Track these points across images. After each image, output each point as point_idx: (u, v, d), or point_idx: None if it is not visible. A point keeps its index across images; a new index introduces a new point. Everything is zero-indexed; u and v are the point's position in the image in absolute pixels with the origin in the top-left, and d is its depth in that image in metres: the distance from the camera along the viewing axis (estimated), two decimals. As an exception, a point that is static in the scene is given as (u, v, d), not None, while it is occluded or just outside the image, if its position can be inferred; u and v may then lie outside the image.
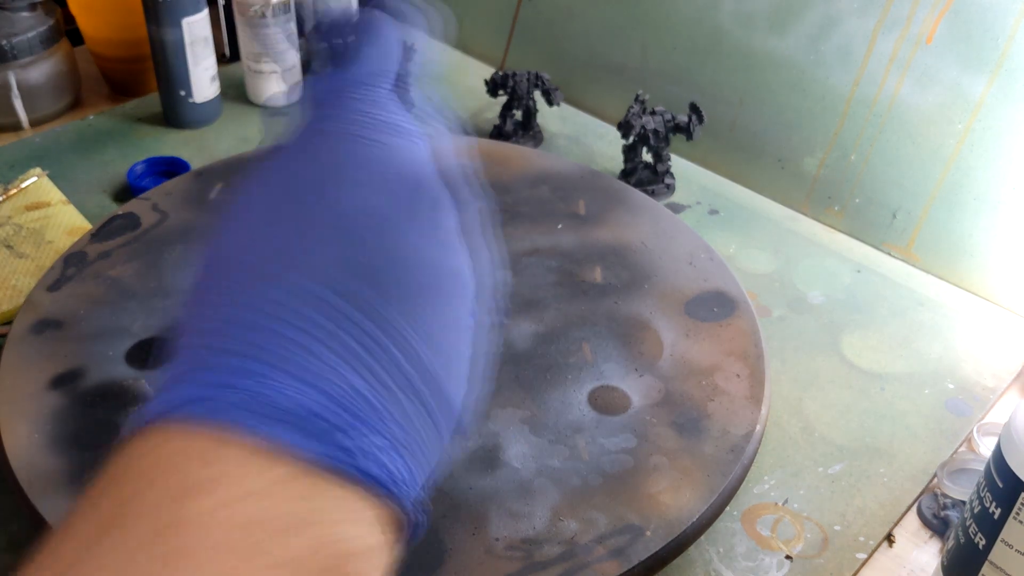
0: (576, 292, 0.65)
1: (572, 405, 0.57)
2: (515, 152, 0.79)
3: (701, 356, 0.60)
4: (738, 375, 0.59)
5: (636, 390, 0.58)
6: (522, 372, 0.59)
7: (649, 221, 0.71)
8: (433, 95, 0.34)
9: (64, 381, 0.56)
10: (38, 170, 0.78)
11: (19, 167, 0.81)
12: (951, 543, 0.49)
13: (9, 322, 0.63)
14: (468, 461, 0.53)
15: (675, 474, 0.52)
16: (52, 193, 0.77)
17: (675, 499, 0.51)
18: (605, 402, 0.57)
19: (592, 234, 0.70)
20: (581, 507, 0.51)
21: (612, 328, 0.62)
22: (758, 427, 0.55)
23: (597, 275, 0.66)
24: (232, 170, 0.74)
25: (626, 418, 0.56)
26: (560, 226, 0.70)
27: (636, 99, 0.79)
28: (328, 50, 0.34)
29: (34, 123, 0.89)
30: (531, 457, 0.53)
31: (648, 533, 0.49)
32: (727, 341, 0.61)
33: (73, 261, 0.65)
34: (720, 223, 0.78)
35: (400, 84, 0.33)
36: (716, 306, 0.64)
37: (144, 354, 0.59)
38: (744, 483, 0.56)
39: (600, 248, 0.69)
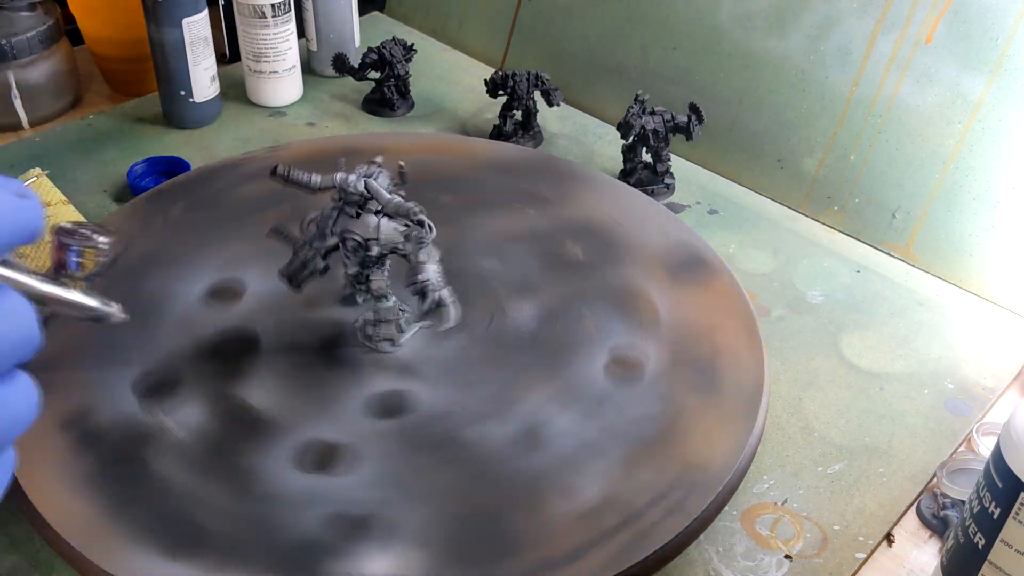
0: (564, 271, 0.67)
1: (592, 378, 0.59)
2: (469, 143, 0.81)
3: (697, 316, 0.63)
4: (735, 330, 0.62)
5: (646, 355, 0.60)
6: (537, 353, 0.61)
7: (608, 196, 0.75)
8: None
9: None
10: (38, 170, 0.78)
11: (19, 167, 0.81)
12: (950, 543, 0.49)
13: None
14: (513, 445, 0.54)
15: (705, 427, 0.55)
16: (52, 193, 0.77)
17: (712, 450, 0.54)
18: (621, 371, 0.59)
19: (562, 215, 0.73)
20: (628, 473, 0.53)
21: (607, 300, 0.64)
22: (765, 376, 0.59)
23: (579, 253, 0.69)
24: (189, 189, 0.74)
25: (645, 384, 0.58)
26: (531, 211, 0.72)
27: (636, 99, 0.79)
28: None
29: (34, 123, 0.89)
30: (569, 433, 0.55)
31: (698, 484, 0.52)
32: (716, 299, 0.65)
33: None
34: (719, 223, 0.78)
35: None
36: (694, 268, 0.67)
37: (152, 385, 0.58)
38: (743, 482, 0.56)
39: (573, 227, 0.71)
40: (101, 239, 0.35)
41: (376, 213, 0.56)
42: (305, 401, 0.57)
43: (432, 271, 0.56)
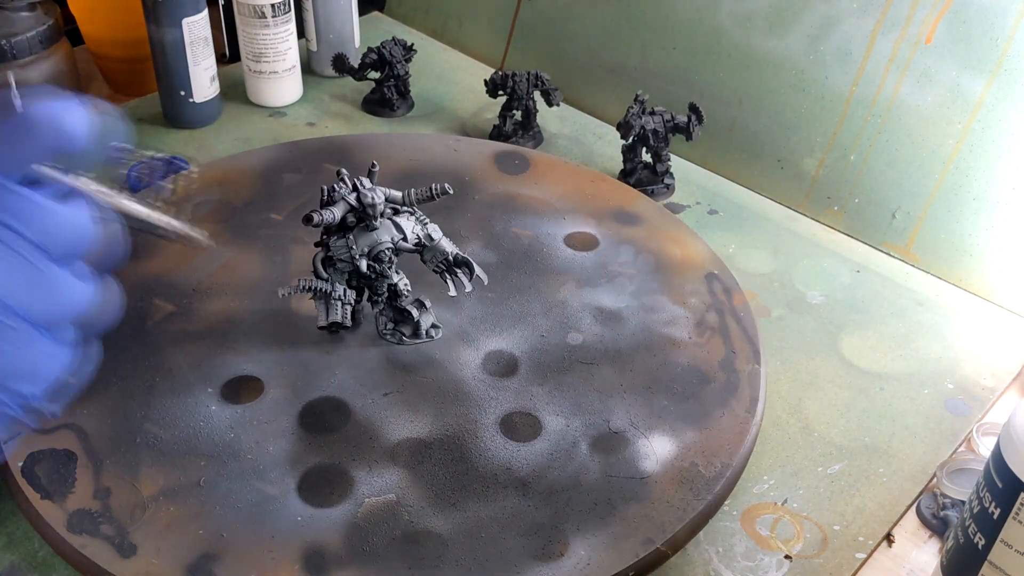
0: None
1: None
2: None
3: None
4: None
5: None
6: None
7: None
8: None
9: None
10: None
11: (19, 167, 0.81)
12: (950, 543, 0.49)
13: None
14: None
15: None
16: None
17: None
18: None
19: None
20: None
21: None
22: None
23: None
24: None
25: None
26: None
27: (635, 99, 0.79)
28: None
29: (34, 123, 0.89)
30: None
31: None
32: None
33: None
34: (719, 223, 0.78)
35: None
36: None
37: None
38: (743, 482, 0.56)
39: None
40: (189, 166, 0.41)
41: (381, 216, 0.56)
42: None
43: (449, 243, 0.59)
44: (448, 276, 0.59)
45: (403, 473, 0.52)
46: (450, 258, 0.59)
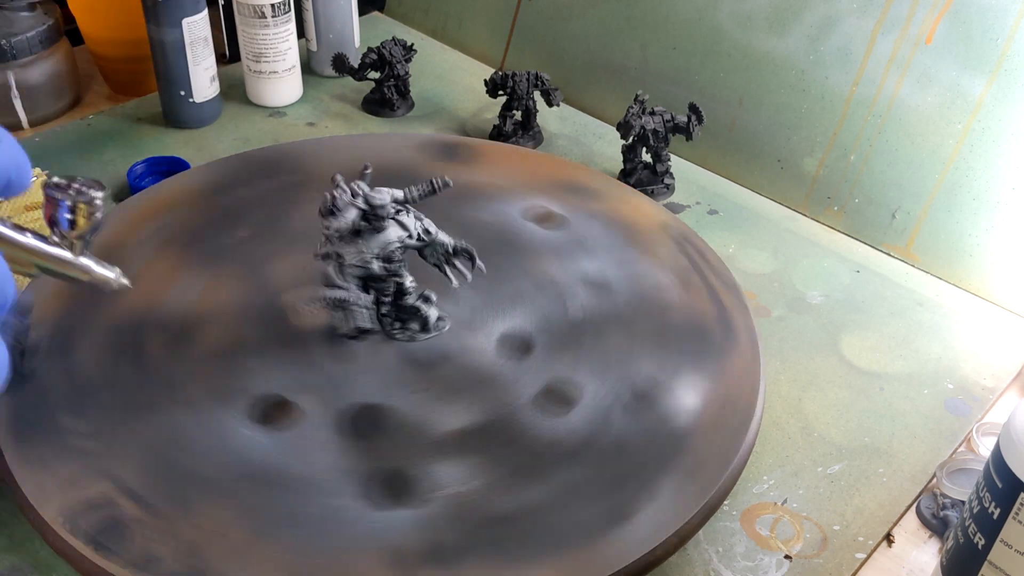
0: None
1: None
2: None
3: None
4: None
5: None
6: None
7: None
8: None
9: None
10: (37, 170, 0.78)
11: (19, 167, 0.81)
12: (950, 543, 0.49)
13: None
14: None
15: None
16: (52, 193, 0.77)
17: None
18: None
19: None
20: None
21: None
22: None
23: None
24: None
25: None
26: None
27: (635, 99, 0.79)
28: None
29: (34, 123, 0.89)
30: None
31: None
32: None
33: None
34: (719, 223, 0.78)
35: None
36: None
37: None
38: (743, 482, 0.56)
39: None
40: (95, 193, 0.32)
41: (384, 218, 0.56)
42: None
43: (446, 235, 0.59)
44: (448, 268, 0.60)
45: (457, 464, 0.52)
46: (450, 249, 0.59)
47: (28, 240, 0.31)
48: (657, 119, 0.78)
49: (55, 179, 0.32)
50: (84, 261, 0.32)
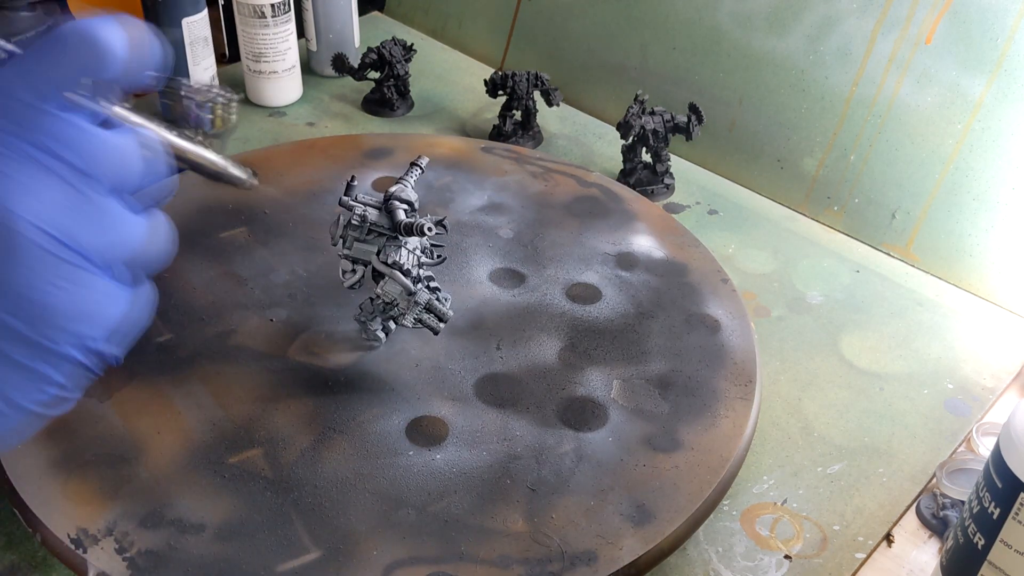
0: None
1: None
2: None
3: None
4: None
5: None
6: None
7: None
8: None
9: None
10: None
11: (19, 167, 0.81)
12: (950, 543, 0.49)
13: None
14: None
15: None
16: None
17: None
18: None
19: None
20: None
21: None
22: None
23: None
24: None
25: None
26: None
27: (635, 99, 0.79)
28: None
29: (34, 123, 0.89)
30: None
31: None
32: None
33: None
34: (719, 223, 0.78)
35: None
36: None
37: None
38: (743, 482, 0.56)
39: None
40: (231, 96, 0.35)
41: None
42: None
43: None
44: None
45: (614, 408, 0.57)
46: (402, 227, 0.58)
47: (175, 139, 0.34)
48: (657, 119, 0.78)
49: (193, 83, 0.36)
50: (221, 159, 0.35)
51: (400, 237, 0.55)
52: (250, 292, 0.64)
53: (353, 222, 0.55)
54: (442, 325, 0.55)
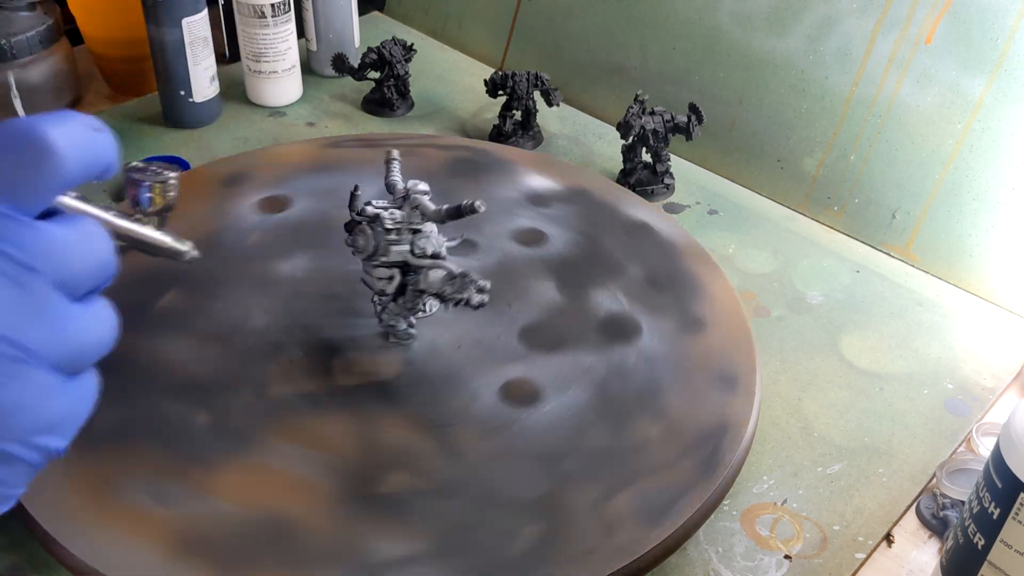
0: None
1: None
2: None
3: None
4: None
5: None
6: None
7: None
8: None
9: None
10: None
11: (19, 167, 0.81)
12: (950, 543, 0.49)
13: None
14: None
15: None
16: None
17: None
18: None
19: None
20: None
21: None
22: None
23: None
24: None
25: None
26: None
27: (635, 99, 0.79)
28: None
29: (34, 123, 0.89)
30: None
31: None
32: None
33: None
34: (719, 223, 0.78)
35: None
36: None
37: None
38: (743, 482, 0.56)
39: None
40: (170, 175, 0.37)
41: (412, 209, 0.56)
42: None
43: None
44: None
45: None
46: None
47: (114, 219, 0.35)
48: (657, 119, 0.78)
49: (135, 163, 0.37)
50: (161, 235, 0.37)
51: (422, 228, 0.55)
52: (244, 345, 0.60)
53: (387, 226, 0.55)
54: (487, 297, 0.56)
